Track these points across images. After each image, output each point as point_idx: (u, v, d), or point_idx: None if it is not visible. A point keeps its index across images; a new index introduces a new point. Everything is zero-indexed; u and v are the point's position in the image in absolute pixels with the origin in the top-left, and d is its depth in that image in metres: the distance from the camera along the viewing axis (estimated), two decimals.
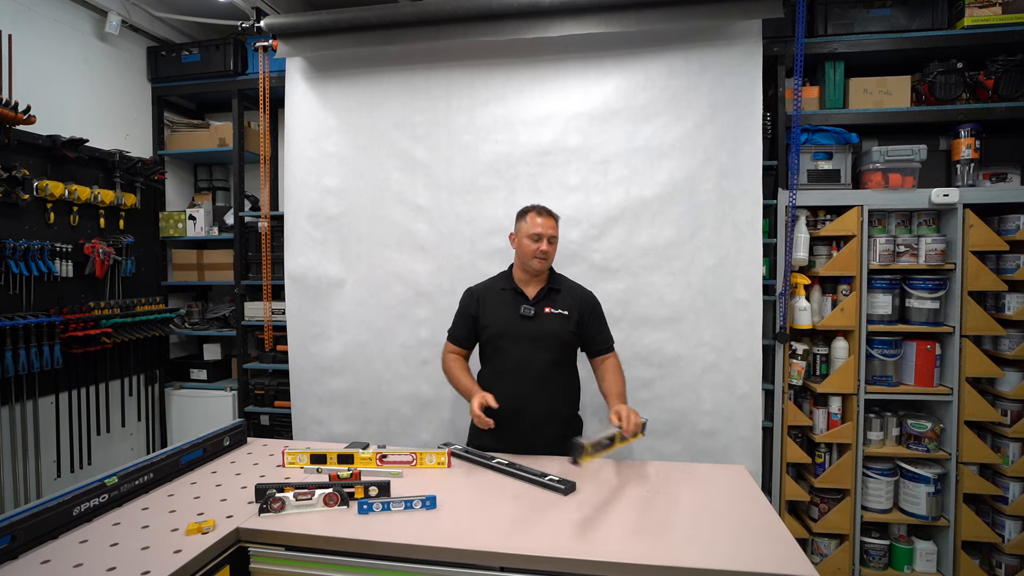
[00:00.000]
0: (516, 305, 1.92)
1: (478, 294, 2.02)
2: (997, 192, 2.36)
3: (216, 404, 3.01)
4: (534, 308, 1.90)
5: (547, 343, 1.89)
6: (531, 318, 1.89)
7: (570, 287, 2.01)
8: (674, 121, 2.39)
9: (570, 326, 1.91)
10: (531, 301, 1.92)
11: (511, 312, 1.92)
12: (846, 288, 2.43)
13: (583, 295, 1.99)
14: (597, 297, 2.02)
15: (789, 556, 1.18)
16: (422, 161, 2.57)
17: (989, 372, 2.31)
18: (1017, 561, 2.34)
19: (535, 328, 1.89)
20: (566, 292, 1.97)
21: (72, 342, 2.45)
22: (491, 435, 1.85)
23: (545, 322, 1.90)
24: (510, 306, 1.93)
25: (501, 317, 1.92)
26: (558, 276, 2.03)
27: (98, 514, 1.37)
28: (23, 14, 2.42)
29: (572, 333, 1.92)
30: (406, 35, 2.45)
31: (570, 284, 2.03)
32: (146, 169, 2.91)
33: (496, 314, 1.94)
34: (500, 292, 1.98)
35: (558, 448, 1.82)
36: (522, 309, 1.90)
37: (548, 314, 1.91)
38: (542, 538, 1.25)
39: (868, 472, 2.41)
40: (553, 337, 1.89)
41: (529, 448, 1.82)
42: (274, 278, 2.89)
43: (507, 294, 1.96)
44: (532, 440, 1.85)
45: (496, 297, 1.98)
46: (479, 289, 2.04)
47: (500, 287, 1.99)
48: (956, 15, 2.37)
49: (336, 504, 1.40)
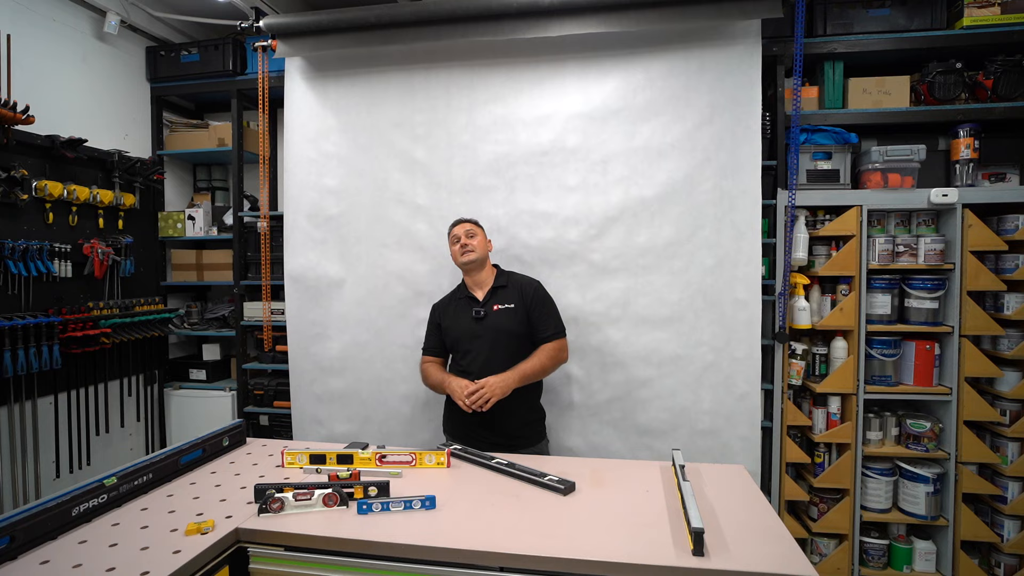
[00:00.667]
0: (469, 309, 2.11)
1: (441, 306, 2.23)
2: (996, 192, 2.36)
3: (215, 404, 3.00)
4: (484, 308, 2.09)
5: (500, 338, 2.04)
6: (482, 318, 2.07)
7: (515, 281, 2.17)
8: (673, 121, 2.39)
9: (518, 317, 2.07)
10: (480, 302, 2.11)
11: (465, 316, 2.11)
12: (845, 288, 2.44)
13: (525, 285, 2.15)
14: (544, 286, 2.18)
15: (788, 556, 1.18)
16: (422, 161, 2.57)
17: (988, 372, 2.31)
18: (1016, 561, 2.35)
19: (488, 326, 2.06)
20: (511, 287, 2.14)
21: (71, 342, 2.45)
22: (464, 428, 2.02)
23: (495, 319, 2.07)
24: (464, 311, 2.12)
25: (458, 322, 2.12)
26: (506, 273, 2.20)
27: (97, 514, 1.37)
28: (22, 14, 2.42)
29: (522, 324, 2.08)
30: (406, 35, 2.45)
31: (516, 278, 2.19)
32: (145, 169, 2.91)
33: (454, 320, 2.13)
34: (457, 301, 2.18)
35: (525, 438, 2.05)
36: (473, 312, 2.09)
37: (497, 311, 2.08)
38: (542, 538, 1.25)
39: (867, 472, 2.42)
40: (504, 332, 2.05)
41: (499, 438, 1.98)
42: (273, 278, 2.88)
43: (462, 301, 2.16)
44: (500, 431, 1.99)
45: (454, 306, 2.18)
46: (441, 302, 2.25)
47: (457, 297, 2.20)
48: (955, 15, 2.37)
49: (335, 504, 1.40)
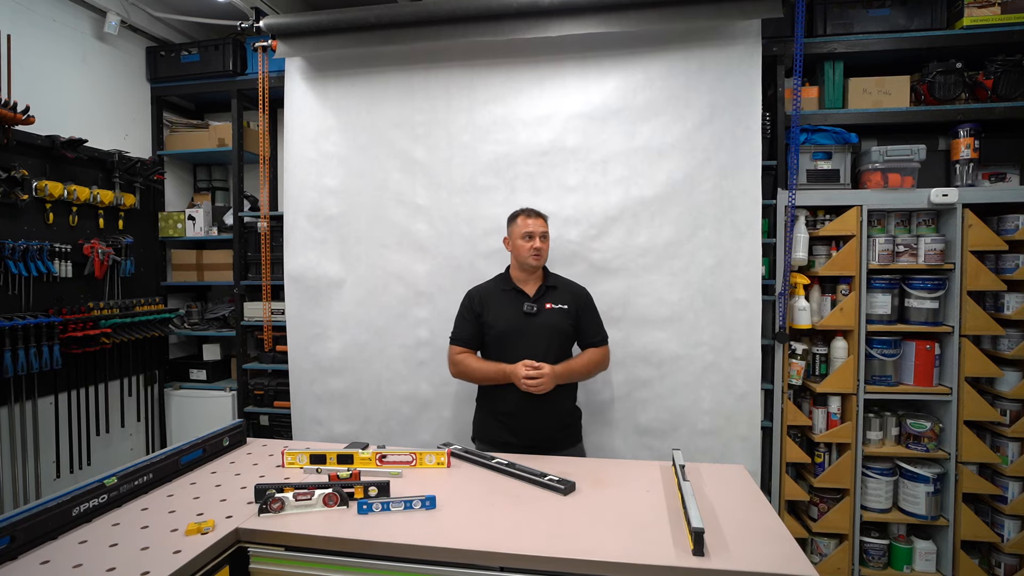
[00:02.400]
0: (519, 303, 2.02)
1: (480, 295, 2.10)
2: (996, 192, 2.36)
3: (215, 404, 3.00)
4: (536, 305, 2.01)
5: (551, 337, 1.99)
6: (534, 314, 2.00)
7: (565, 283, 2.13)
8: (673, 121, 2.39)
9: (569, 320, 2.03)
10: (532, 298, 2.03)
11: (515, 310, 2.01)
12: (845, 288, 2.44)
13: (578, 290, 2.12)
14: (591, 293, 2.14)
15: (789, 556, 1.18)
16: (421, 161, 2.57)
17: (988, 372, 2.31)
18: (1016, 560, 2.34)
19: (539, 323, 1.99)
20: (563, 288, 2.09)
21: (71, 342, 2.45)
22: (502, 427, 1.98)
23: (547, 317, 2.01)
24: (513, 305, 2.03)
25: (506, 315, 2.02)
26: (554, 275, 2.15)
27: (97, 514, 1.37)
28: (22, 14, 2.42)
29: (572, 326, 2.04)
30: (405, 35, 2.45)
31: (565, 281, 2.15)
32: (145, 169, 2.91)
33: (501, 313, 2.03)
34: (501, 292, 2.08)
35: (561, 439, 2.01)
36: (525, 306, 2.00)
37: (549, 309, 2.02)
38: (542, 538, 1.25)
39: (867, 472, 2.42)
40: (556, 331, 2.00)
41: (538, 439, 1.94)
42: (273, 278, 2.88)
43: (509, 294, 2.06)
44: (543, 432, 1.96)
45: (498, 297, 2.07)
46: (480, 290, 2.13)
47: (501, 288, 2.10)
48: (955, 15, 2.37)
49: (336, 504, 1.40)
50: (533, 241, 2.00)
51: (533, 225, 2.02)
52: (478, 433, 2.10)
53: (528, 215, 2.05)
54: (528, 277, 2.07)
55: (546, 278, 2.10)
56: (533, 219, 2.03)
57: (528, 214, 2.05)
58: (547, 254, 2.07)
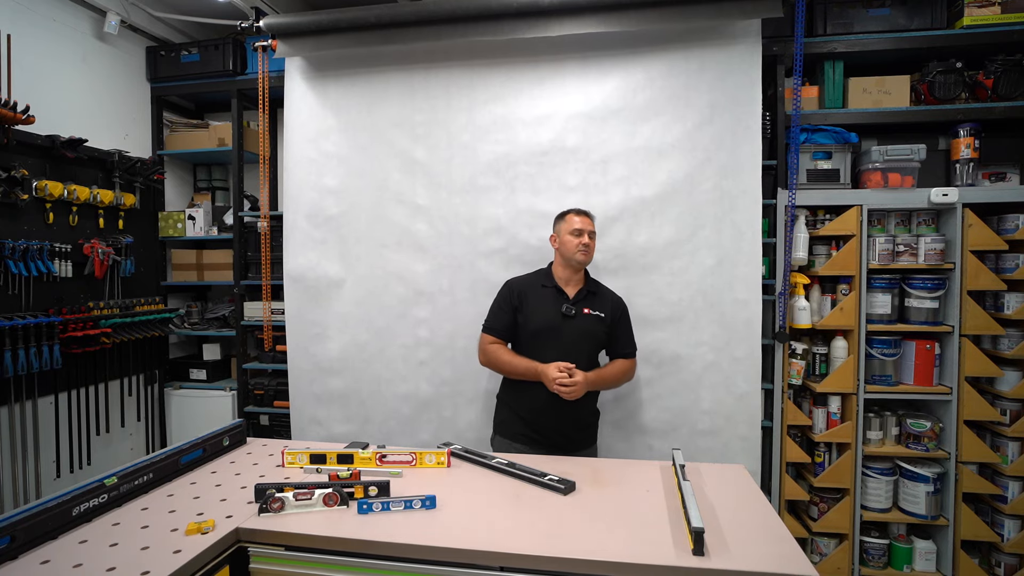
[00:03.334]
0: (558, 303, 2.01)
1: (519, 288, 2.09)
2: (996, 191, 2.36)
3: (215, 404, 3.00)
4: (575, 308, 2.00)
5: (585, 341, 2.00)
6: (572, 317, 1.99)
7: (605, 291, 2.13)
8: (673, 121, 2.39)
9: (604, 327, 2.03)
10: (572, 300, 2.02)
11: (553, 309, 2.00)
12: (845, 288, 2.44)
13: (616, 300, 2.12)
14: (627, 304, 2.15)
15: (789, 555, 1.18)
16: (421, 161, 2.57)
17: (988, 371, 2.31)
18: (1016, 560, 2.34)
19: (575, 326, 1.99)
20: (602, 295, 2.09)
21: (71, 342, 2.45)
22: (526, 425, 1.98)
23: (584, 322, 2.00)
24: (552, 303, 2.02)
25: (544, 313, 2.00)
26: (594, 280, 2.14)
27: (98, 514, 1.37)
28: (22, 14, 2.42)
29: (605, 334, 2.04)
30: (405, 35, 2.45)
31: (604, 289, 2.15)
32: (145, 169, 2.91)
33: (539, 309, 2.02)
34: (541, 289, 2.06)
35: (580, 439, 2.03)
36: (564, 308, 1.99)
37: (587, 315, 2.01)
38: (542, 538, 1.25)
39: (867, 471, 2.42)
40: (591, 336, 2.01)
41: (560, 439, 1.96)
42: (273, 278, 2.88)
43: (549, 291, 2.05)
44: (565, 431, 1.98)
45: (538, 293, 2.06)
46: (520, 283, 2.12)
47: (541, 283, 2.08)
48: (955, 15, 2.37)
49: (336, 504, 1.40)
50: (582, 237, 2.00)
51: (583, 223, 2.03)
52: (500, 429, 2.09)
53: (578, 213, 2.06)
54: (571, 277, 2.06)
55: (587, 282, 2.10)
56: (582, 217, 2.05)
57: (578, 212, 2.07)
58: (594, 253, 2.07)
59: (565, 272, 2.07)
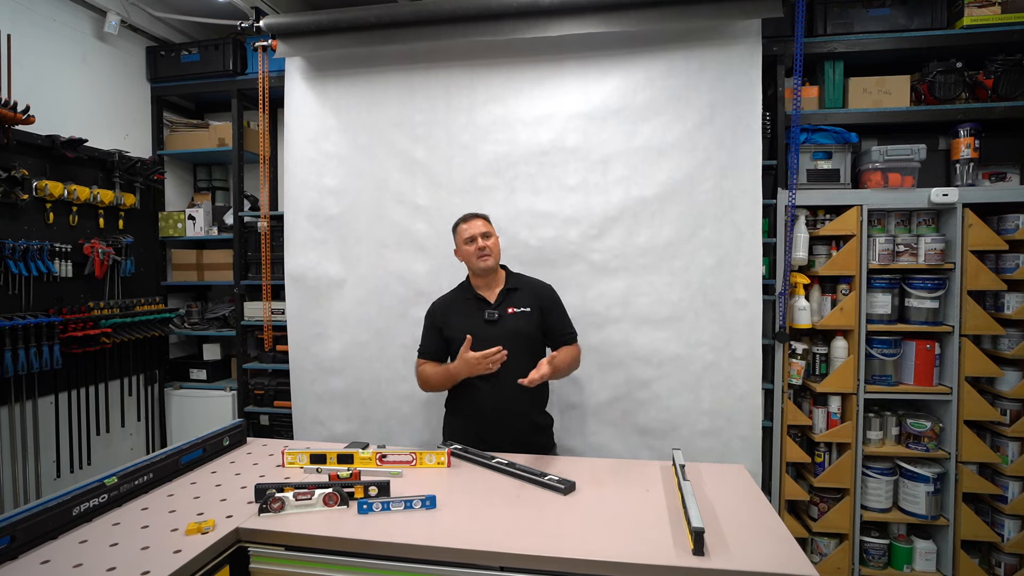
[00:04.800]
0: (480, 311, 1.98)
1: (440, 308, 2.07)
2: (996, 191, 2.36)
3: (216, 404, 3.00)
4: (497, 311, 1.97)
5: (516, 342, 1.90)
6: (495, 321, 1.95)
7: (527, 283, 2.07)
8: (673, 120, 2.39)
9: (534, 321, 1.98)
10: (493, 305, 1.99)
11: (476, 319, 1.96)
12: (845, 288, 2.44)
13: (540, 288, 2.06)
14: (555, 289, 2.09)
15: (789, 555, 1.18)
16: (421, 161, 2.57)
17: (988, 371, 2.31)
18: (1016, 560, 2.34)
19: (501, 330, 1.93)
20: (525, 289, 2.03)
21: (71, 342, 2.45)
22: (474, 434, 1.91)
23: (510, 322, 1.96)
24: (474, 313, 1.98)
25: (467, 325, 1.94)
26: (515, 275, 2.10)
27: (98, 514, 1.37)
28: (22, 14, 2.42)
29: (538, 328, 1.99)
30: (405, 35, 2.45)
31: (527, 280, 2.08)
32: (145, 169, 2.91)
33: (461, 323, 1.96)
34: (464, 301, 2.03)
35: (534, 445, 1.92)
36: (486, 314, 1.96)
37: (512, 314, 1.97)
38: (542, 538, 1.25)
39: (867, 471, 2.42)
40: (521, 335, 1.94)
41: (509, 445, 1.86)
42: (274, 278, 2.88)
43: (470, 302, 2.01)
44: (512, 437, 1.90)
45: (459, 307, 2.03)
46: (441, 302, 2.09)
47: (463, 297, 2.05)
48: (955, 15, 2.37)
49: (336, 504, 1.40)
50: (476, 243, 1.94)
51: (471, 228, 1.97)
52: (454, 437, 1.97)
53: (465, 220, 2.01)
54: (487, 282, 2.01)
55: (508, 280, 2.04)
56: (470, 222, 1.99)
57: (465, 219, 2.02)
58: (499, 252, 2.01)
59: (479, 280, 2.02)
